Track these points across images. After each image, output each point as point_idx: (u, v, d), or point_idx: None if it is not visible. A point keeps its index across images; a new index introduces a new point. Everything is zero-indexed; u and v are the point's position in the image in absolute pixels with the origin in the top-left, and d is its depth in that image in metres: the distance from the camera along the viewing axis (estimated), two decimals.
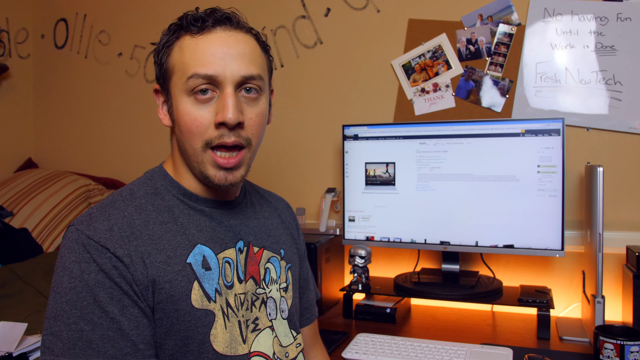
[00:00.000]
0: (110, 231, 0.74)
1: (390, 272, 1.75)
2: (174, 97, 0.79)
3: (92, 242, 0.72)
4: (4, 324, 1.18)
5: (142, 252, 0.74)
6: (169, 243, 0.77)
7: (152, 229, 0.77)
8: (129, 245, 0.74)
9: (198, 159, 0.79)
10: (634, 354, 1.05)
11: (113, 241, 0.73)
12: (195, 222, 0.82)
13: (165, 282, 0.74)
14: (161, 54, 0.81)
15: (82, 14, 2.33)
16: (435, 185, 1.54)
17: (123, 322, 0.71)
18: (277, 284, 0.91)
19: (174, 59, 0.79)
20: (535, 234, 1.44)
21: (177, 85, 0.78)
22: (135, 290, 0.72)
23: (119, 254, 0.72)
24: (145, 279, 0.73)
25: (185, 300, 0.75)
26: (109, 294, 0.71)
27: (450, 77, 1.70)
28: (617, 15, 1.51)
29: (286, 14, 1.91)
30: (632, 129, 1.51)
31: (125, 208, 0.78)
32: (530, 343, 1.30)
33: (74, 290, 0.70)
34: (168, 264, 0.76)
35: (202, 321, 0.76)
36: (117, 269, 0.72)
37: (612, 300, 1.47)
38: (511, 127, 1.46)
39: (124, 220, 0.76)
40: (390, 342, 1.26)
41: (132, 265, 0.73)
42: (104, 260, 0.71)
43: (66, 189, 2.06)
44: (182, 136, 0.79)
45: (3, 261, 1.65)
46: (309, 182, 1.90)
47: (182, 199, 0.83)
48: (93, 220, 0.75)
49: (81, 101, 2.35)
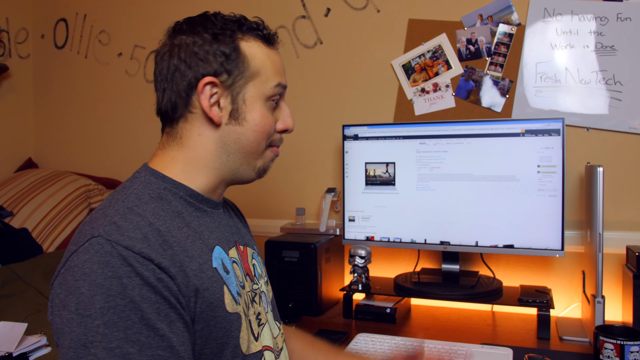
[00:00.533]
0: (146, 240, 0.67)
1: (390, 272, 1.75)
2: (251, 98, 0.80)
3: (132, 253, 0.65)
4: (4, 324, 1.18)
5: (179, 261, 0.69)
6: (194, 249, 0.73)
7: (176, 236, 0.72)
8: (167, 254, 0.68)
9: (258, 156, 0.83)
10: (634, 354, 1.05)
11: (154, 251, 0.67)
12: (205, 223, 0.80)
13: (204, 289, 0.71)
14: (230, 48, 0.79)
15: (82, 14, 2.33)
16: (435, 185, 1.54)
17: (172, 338, 0.65)
18: (263, 279, 0.94)
19: (258, 62, 0.80)
20: (535, 234, 1.44)
21: (259, 88, 0.80)
22: (181, 303, 0.68)
23: (164, 265, 0.67)
24: (187, 289, 0.69)
25: (221, 307, 0.73)
26: (156, 309, 0.64)
27: (450, 77, 1.70)
28: (617, 15, 1.51)
29: (286, 14, 1.91)
30: (632, 129, 1.51)
31: (145, 214, 0.71)
32: (530, 343, 1.30)
33: (115, 309, 0.62)
34: (201, 270, 0.72)
35: (234, 325, 0.75)
36: (162, 281, 0.66)
37: (612, 300, 1.47)
38: (511, 127, 1.46)
39: (151, 227, 0.70)
40: (390, 342, 1.26)
41: (177, 276, 0.68)
42: (148, 273, 0.65)
43: (66, 189, 2.06)
44: (253, 135, 0.80)
45: (3, 261, 1.65)
46: (309, 182, 1.90)
47: (189, 200, 0.79)
48: (123, 229, 0.67)
49: (81, 101, 2.35)
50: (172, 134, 0.82)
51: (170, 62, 0.79)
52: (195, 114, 0.79)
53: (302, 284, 1.55)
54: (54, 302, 0.66)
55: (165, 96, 0.80)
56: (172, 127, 0.82)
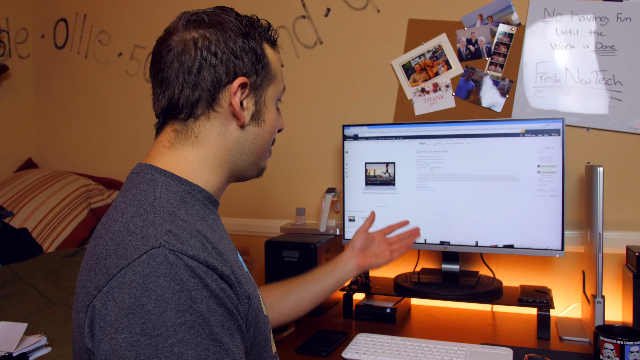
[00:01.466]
0: (205, 248, 0.63)
1: (390, 272, 1.75)
2: (270, 100, 0.81)
3: (197, 263, 0.60)
4: (4, 324, 1.18)
5: (232, 267, 0.66)
6: (231, 254, 0.71)
7: (216, 240, 0.68)
8: (223, 260, 0.65)
9: (265, 156, 0.85)
10: (634, 354, 1.05)
11: (214, 258, 0.63)
12: (220, 226, 0.77)
13: (253, 296, 0.69)
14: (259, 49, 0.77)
15: (82, 14, 2.33)
16: (435, 185, 1.54)
17: (234, 352, 0.61)
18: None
19: (275, 63, 0.81)
20: (535, 234, 1.44)
21: (274, 91, 0.82)
22: (240, 312, 0.65)
23: (226, 274, 0.63)
24: (242, 296, 0.66)
25: (260, 310, 0.72)
26: (221, 322, 0.60)
27: (450, 77, 1.70)
28: (617, 15, 1.51)
29: (286, 14, 1.91)
30: (632, 129, 1.51)
31: (187, 219, 0.66)
32: (530, 343, 1.30)
33: (185, 325, 0.57)
34: (244, 275, 0.70)
35: (268, 327, 0.76)
36: (224, 291, 0.62)
37: (612, 300, 1.47)
38: (511, 127, 1.46)
39: (199, 233, 0.65)
40: (390, 342, 1.26)
41: (235, 285, 0.64)
42: (213, 284, 0.60)
43: (66, 189, 2.06)
44: (267, 136, 0.82)
45: (3, 261, 1.65)
46: (309, 182, 1.90)
47: (205, 201, 0.75)
48: (181, 238, 0.62)
49: (81, 101, 2.35)
50: (184, 132, 0.75)
51: (196, 55, 0.72)
52: (220, 113, 0.75)
53: None
54: (97, 325, 0.58)
55: (186, 91, 0.73)
56: (185, 125, 0.75)
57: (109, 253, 0.62)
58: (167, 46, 0.75)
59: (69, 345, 1.23)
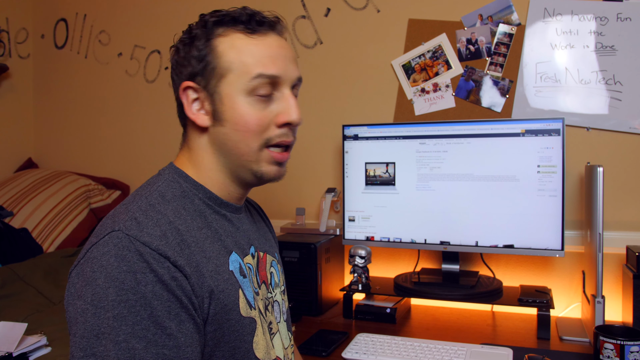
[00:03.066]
0: (164, 238, 0.68)
1: (390, 272, 1.75)
2: (228, 96, 0.76)
3: (149, 249, 0.65)
4: (4, 324, 1.18)
5: (196, 261, 0.69)
6: (212, 250, 0.73)
7: (195, 235, 0.72)
8: (185, 253, 0.69)
9: (252, 158, 0.78)
10: (634, 354, 1.05)
11: (171, 249, 0.67)
12: (223, 227, 0.79)
13: (220, 291, 0.71)
14: (202, 49, 0.76)
15: (82, 14, 2.33)
16: (435, 185, 1.54)
17: (180, 338, 0.65)
18: (279, 288, 0.92)
19: (228, 58, 0.75)
20: (535, 234, 1.44)
21: (234, 84, 0.76)
22: (194, 303, 0.67)
23: (180, 264, 0.67)
24: (202, 289, 0.69)
25: (235, 310, 0.73)
26: (167, 307, 0.64)
27: (450, 77, 1.70)
28: (617, 15, 1.51)
29: (286, 14, 1.91)
30: (632, 129, 1.51)
31: (166, 212, 0.72)
32: (530, 343, 1.30)
33: (126, 303, 0.62)
34: (217, 272, 0.72)
35: (247, 329, 0.75)
36: (176, 280, 0.66)
37: (612, 300, 1.47)
38: (511, 127, 1.46)
39: (170, 225, 0.70)
40: (390, 342, 1.26)
41: (192, 276, 0.68)
42: (163, 271, 0.65)
43: (66, 189, 2.06)
44: (237, 135, 0.76)
45: (3, 261, 1.65)
46: (309, 182, 1.90)
47: (208, 202, 0.79)
48: (143, 225, 0.68)
49: (81, 101, 2.35)
50: (183, 136, 0.84)
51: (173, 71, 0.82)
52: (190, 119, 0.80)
53: (302, 284, 1.55)
54: (69, 291, 0.67)
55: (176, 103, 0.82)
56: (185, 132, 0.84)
57: (94, 232, 0.71)
58: None
59: (69, 345, 1.23)
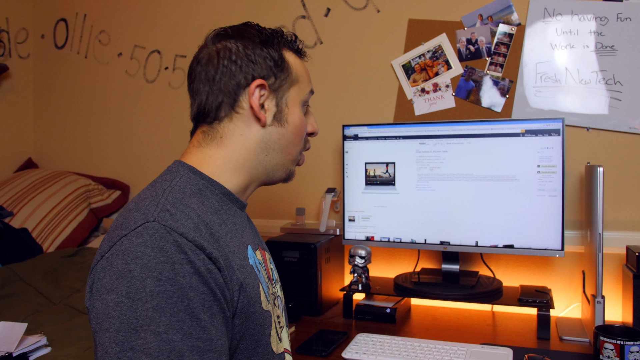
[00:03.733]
0: (198, 230, 0.68)
1: (390, 272, 1.75)
2: (293, 102, 0.85)
3: (186, 240, 0.65)
4: (4, 324, 1.18)
5: (225, 254, 0.71)
6: (234, 245, 0.75)
7: (218, 230, 0.73)
8: (215, 245, 0.70)
9: (294, 158, 0.88)
10: (634, 354, 1.05)
11: (205, 241, 0.68)
12: (237, 222, 0.82)
13: (247, 284, 0.73)
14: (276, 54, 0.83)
15: (82, 14, 2.33)
16: (435, 185, 1.54)
17: (212, 331, 0.65)
18: (279, 283, 0.95)
19: (298, 69, 0.86)
20: (535, 234, 1.44)
21: (298, 94, 0.85)
22: (226, 296, 0.68)
23: (214, 256, 0.67)
24: (232, 282, 0.70)
25: (258, 303, 0.76)
26: (202, 299, 0.64)
27: (450, 77, 1.70)
28: (617, 15, 1.51)
29: (286, 14, 1.91)
30: (632, 129, 1.51)
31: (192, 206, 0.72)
32: (530, 343, 1.30)
33: (164, 294, 0.62)
34: (243, 266, 0.74)
35: (267, 322, 0.77)
36: (210, 272, 0.66)
37: (612, 300, 1.47)
38: (511, 127, 1.46)
39: (199, 218, 0.71)
40: (390, 342, 1.26)
41: (224, 269, 0.69)
42: (199, 262, 0.65)
43: (66, 189, 2.06)
44: (292, 137, 0.85)
45: (3, 261, 1.65)
46: (309, 182, 1.90)
47: (223, 198, 0.81)
48: (176, 217, 0.68)
49: (81, 101, 2.35)
50: (210, 133, 0.82)
51: (218, 64, 0.81)
52: (241, 114, 0.81)
53: (302, 284, 1.55)
54: (95, 286, 0.65)
55: (211, 97, 0.81)
56: (212, 127, 0.82)
57: (117, 225, 0.69)
58: (197, 59, 0.84)
59: (69, 345, 1.23)
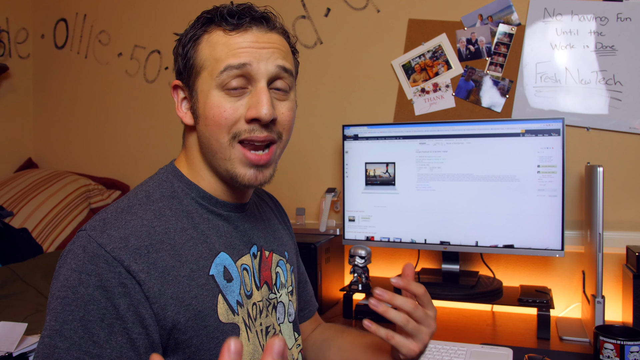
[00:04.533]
0: (125, 241, 0.66)
1: (390, 272, 1.75)
2: (202, 92, 0.74)
3: (104, 251, 0.64)
4: (4, 324, 1.18)
5: (162, 267, 0.68)
6: (191, 254, 0.72)
7: (173, 238, 0.71)
8: (148, 258, 0.67)
9: (225, 155, 0.74)
10: (634, 354, 1.05)
11: (128, 253, 0.66)
12: (215, 227, 0.77)
13: (192, 297, 0.69)
14: (187, 47, 0.76)
15: (82, 14, 2.33)
16: (435, 185, 1.54)
17: (106, 349, 0.62)
18: (286, 288, 0.90)
19: (203, 54, 0.74)
20: (535, 234, 1.44)
21: (207, 81, 0.74)
22: (141, 313, 0.65)
23: (133, 269, 0.65)
24: (162, 295, 0.67)
25: (212, 316, 0.71)
26: (101, 314, 0.63)
27: (450, 77, 1.70)
28: (617, 15, 1.51)
29: (286, 14, 1.91)
30: (632, 129, 1.51)
31: (143, 214, 0.71)
32: (530, 343, 1.30)
33: (63, 300, 0.63)
34: (192, 278, 0.70)
35: (229, 335, 0.72)
36: (124, 286, 0.64)
37: (612, 300, 1.47)
38: (511, 127, 1.46)
39: (142, 228, 0.69)
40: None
41: (149, 281, 0.66)
42: (109, 275, 0.64)
43: (66, 189, 2.06)
44: (208, 130, 0.74)
45: (3, 261, 1.65)
46: (309, 182, 1.90)
47: (201, 202, 0.77)
48: (107, 226, 0.68)
49: (81, 101, 2.35)
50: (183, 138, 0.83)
51: None
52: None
53: None
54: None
55: None
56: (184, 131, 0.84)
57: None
58: None
59: None
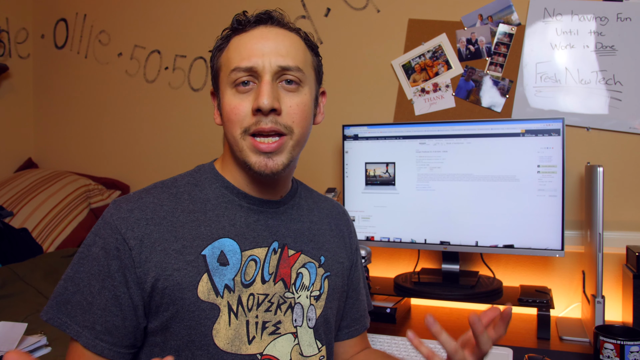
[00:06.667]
0: (129, 212, 0.79)
1: (390, 272, 1.75)
2: (221, 93, 0.83)
3: (112, 220, 0.78)
4: (4, 324, 1.18)
5: (155, 238, 0.78)
6: (189, 233, 0.80)
7: (177, 217, 0.81)
8: (145, 229, 0.78)
9: (239, 147, 0.81)
10: (634, 354, 1.05)
11: (128, 223, 0.78)
12: (230, 215, 0.84)
13: (175, 269, 0.77)
14: (214, 57, 0.86)
15: (82, 14, 2.33)
16: (435, 185, 1.54)
17: (96, 298, 0.76)
18: (309, 291, 0.88)
19: (222, 58, 0.84)
20: (535, 234, 1.44)
21: (223, 81, 0.83)
22: (127, 274, 0.76)
23: (128, 236, 0.77)
24: (148, 262, 0.76)
25: (191, 291, 0.77)
26: (98, 269, 0.76)
27: (450, 77, 1.70)
28: (617, 15, 1.51)
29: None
30: (632, 129, 1.51)
31: (159, 194, 0.83)
32: (530, 343, 1.30)
33: (80, 254, 0.79)
34: (181, 253, 0.78)
35: (206, 314, 0.77)
36: (118, 250, 0.76)
37: (612, 300, 1.47)
38: (511, 127, 1.46)
39: (150, 205, 0.80)
40: (390, 342, 1.26)
41: (138, 248, 0.76)
42: (110, 240, 0.77)
43: (66, 189, 2.06)
44: (227, 127, 0.82)
45: (3, 261, 1.65)
46: (309, 182, 1.88)
47: (224, 191, 0.86)
48: (125, 201, 0.80)
49: (81, 101, 2.35)
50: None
51: None
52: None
53: None
54: None
55: None
56: None
57: None
58: None
59: None
